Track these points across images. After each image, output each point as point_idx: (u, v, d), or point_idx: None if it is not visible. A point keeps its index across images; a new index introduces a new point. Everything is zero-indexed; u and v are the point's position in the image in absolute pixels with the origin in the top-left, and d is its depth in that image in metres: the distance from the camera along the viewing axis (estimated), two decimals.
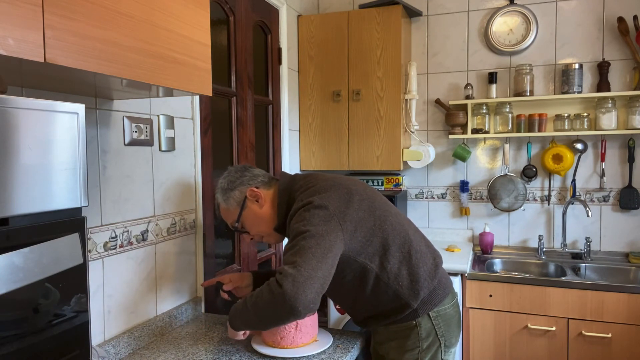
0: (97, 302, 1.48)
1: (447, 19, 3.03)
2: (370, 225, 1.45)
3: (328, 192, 1.44)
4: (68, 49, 0.88)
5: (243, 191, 1.57)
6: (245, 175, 1.59)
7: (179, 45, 1.22)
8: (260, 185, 1.58)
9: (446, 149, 3.08)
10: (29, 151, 0.80)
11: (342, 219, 1.39)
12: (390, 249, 1.46)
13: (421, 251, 1.51)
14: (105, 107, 1.50)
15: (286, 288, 1.24)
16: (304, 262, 1.27)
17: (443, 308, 1.53)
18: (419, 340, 1.51)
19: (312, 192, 1.45)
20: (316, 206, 1.38)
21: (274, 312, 1.30)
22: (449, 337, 1.55)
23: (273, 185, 1.59)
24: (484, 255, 2.86)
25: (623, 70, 2.73)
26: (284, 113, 2.77)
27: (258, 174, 1.61)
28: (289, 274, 1.26)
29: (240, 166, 1.65)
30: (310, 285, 1.25)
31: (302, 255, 1.28)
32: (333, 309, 2.64)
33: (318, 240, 1.31)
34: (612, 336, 2.31)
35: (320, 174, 1.59)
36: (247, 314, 1.38)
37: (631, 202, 2.72)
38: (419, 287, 1.47)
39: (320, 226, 1.34)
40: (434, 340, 1.52)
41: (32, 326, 0.84)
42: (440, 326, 1.52)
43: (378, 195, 1.57)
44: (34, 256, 0.82)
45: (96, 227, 1.47)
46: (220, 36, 2.23)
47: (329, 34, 2.91)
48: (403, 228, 1.52)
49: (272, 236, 1.62)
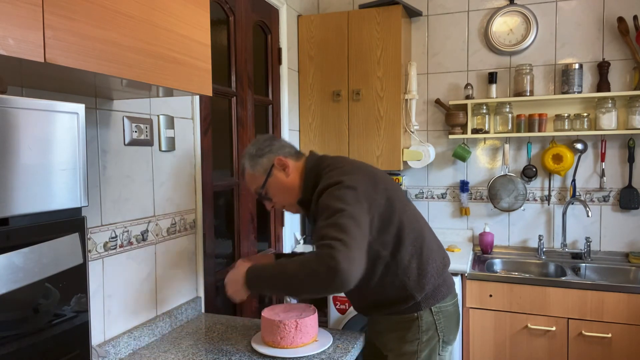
0: (97, 302, 1.48)
1: (447, 19, 3.03)
2: (389, 215, 1.48)
3: (356, 174, 1.47)
4: (68, 49, 0.88)
5: (271, 159, 1.58)
6: (274, 144, 1.61)
7: (179, 45, 1.22)
8: (287, 155, 1.60)
9: (446, 149, 3.08)
10: (29, 151, 0.80)
11: (368, 202, 1.41)
12: (404, 241, 1.49)
13: (432, 249, 1.55)
14: (105, 107, 1.50)
15: (343, 265, 1.24)
16: (353, 241, 1.28)
17: (445, 305, 1.57)
18: (419, 332, 1.53)
19: (341, 172, 1.47)
20: (347, 186, 1.40)
21: (317, 284, 1.29)
22: (447, 333, 1.57)
23: (301, 159, 1.62)
24: (484, 255, 2.86)
25: (623, 70, 2.73)
26: (284, 113, 2.77)
27: (285, 145, 1.63)
28: (342, 250, 1.25)
29: (269, 135, 1.67)
30: (359, 264, 1.28)
31: (348, 233, 1.29)
32: (333, 308, 2.64)
33: (356, 221, 1.33)
34: (612, 336, 2.31)
35: (347, 157, 1.63)
36: (279, 280, 1.37)
37: (631, 202, 2.72)
38: (425, 281, 1.52)
39: (356, 207, 1.36)
40: (434, 334, 1.54)
41: (32, 326, 0.84)
42: (441, 321, 1.55)
43: (398, 188, 1.60)
44: (34, 256, 0.82)
45: (96, 227, 1.47)
46: (220, 36, 2.23)
47: (329, 34, 2.91)
48: (419, 224, 1.57)
49: (294, 207, 1.64)
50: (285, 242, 2.79)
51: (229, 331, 1.73)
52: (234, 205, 2.32)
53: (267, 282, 1.41)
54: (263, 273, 1.41)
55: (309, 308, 1.64)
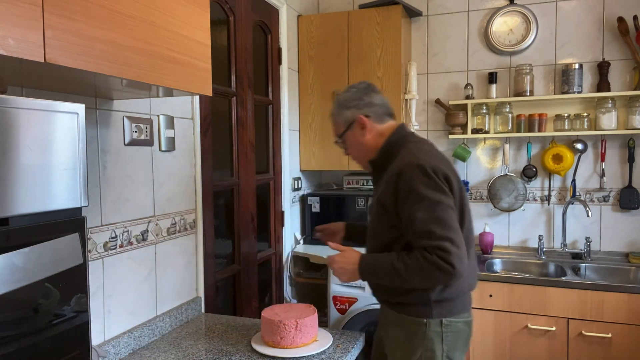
0: (97, 302, 1.48)
1: (447, 19, 3.03)
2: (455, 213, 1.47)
3: (445, 164, 1.49)
4: (68, 49, 0.88)
5: (354, 114, 1.60)
6: (363, 99, 1.61)
7: (179, 45, 1.22)
8: (372, 115, 1.60)
9: (446, 149, 3.08)
10: (29, 151, 0.80)
11: (452, 191, 1.45)
12: None
13: (468, 266, 1.48)
14: (105, 107, 1.50)
15: (458, 268, 1.35)
16: (458, 237, 1.38)
17: (455, 320, 1.50)
18: (424, 339, 1.49)
19: (431, 157, 1.48)
20: (444, 176, 1.43)
21: (432, 282, 1.42)
22: (452, 349, 1.51)
23: (385, 122, 1.62)
24: (484, 255, 2.86)
25: (623, 70, 2.73)
26: (284, 113, 2.77)
27: (375, 104, 1.61)
28: (455, 253, 1.35)
29: (365, 86, 1.64)
30: (466, 255, 1.38)
31: (451, 231, 1.37)
32: (333, 308, 2.64)
33: (452, 214, 1.40)
34: (612, 336, 2.31)
35: (429, 143, 1.61)
36: (392, 276, 1.44)
37: (631, 202, 2.72)
38: (446, 292, 1.48)
39: (449, 198, 1.42)
40: (438, 346, 1.49)
41: (32, 326, 0.84)
42: (448, 335, 1.49)
43: (465, 193, 1.57)
44: (34, 256, 0.82)
45: (96, 227, 1.47)
46: (220, 36, 2.23)
47: (329, 34, 2.91)
48: (469, 236, 1.53)
49: (363, 163, 1.68)
50: (285, 242, 2.79)
51: (229, 331, 1.73)
52: (234, 205, 2.32)
53: (379, 277, 1.48)
54: (376, 268, 1.48)
55: (309, 308, 1.64)
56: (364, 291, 2.55)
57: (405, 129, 1.63)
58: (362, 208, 2.85)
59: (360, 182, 3.10)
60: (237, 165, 2.33)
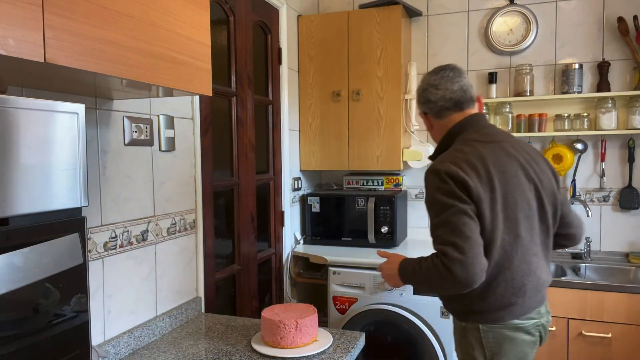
0: (97, 302, 1.48)
1: (447, 19, 3.03)
2: (487, 227, 1.42)
3: (472, 169, 1.43)
4: (68, 49, 0.88)
5: (419, 108, 1.71)
6: (423, 96, 1.64)
7: (179, 45, 1.22)
8: (429, 112, 1.65)
9: None
10: (29, 151, 0.80)
11: (470, 197, 1.41)
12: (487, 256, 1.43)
13: (512, 278, 1.46)
14: (105, 107, 1.50)
15: (457, 273, 1.33)
16: (465, 243, 1.34)
17: (498, 326, 1.48)
18: (466, 343, 1.54)
19: (460, 161, 1.45)
20: (461, 182, 1.41)
21: (438, 286, 1.43)
22: (498, 354, 1.48)
23: (446, 116, 1.61)
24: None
25: (623, 70, 2.73)
26: (284, 113, 2.77)
27: (432, 100, 1.61)
28: (455, 258, 1.33)
29: (433, 80, 1.61)
30: (477, 263, 1.34)
31: (459, 234, 1.35)
32: (333, 308, 2.64)
33: (465, 219, 1.37)
34: (612, 336, 2.31)
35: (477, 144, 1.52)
36: (418, 282, 1.53)
37: (631, 202, 2.72)
38: (485, 300, 1.47)
39: (463, 204, 1.39)
40: (479, 351, 1.50)
41: (32, 326, 0.84)
42: (489, 340, 1.49)
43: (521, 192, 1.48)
44: (34, 256, 0.82)
45: (96, 227, 1.47)
46: (220, 36, 2.23)
47: (329, 34, 2.91)
48: (513, 250, 1.45)
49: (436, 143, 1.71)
50: (285, 242, 2.79)
51: (229, 331, 1.73)
52: (234, 205, 2.32)
53: (410, 280, 1.55)
54: (407, 272, 1.53)
55: (309, 308, 1.64)
56: (363, 291, 2.55)
57: (462, 126, 1.58)
58: (362, 208, 2.85)
59: (360, 182, 3.10)
60: (237, 165, 2.33)
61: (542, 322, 1.52)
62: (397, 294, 2.49)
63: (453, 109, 1.59)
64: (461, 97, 1.58)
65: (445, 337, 2.44)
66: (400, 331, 2.48)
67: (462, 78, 1.59)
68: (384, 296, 2.52)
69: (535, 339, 1.51)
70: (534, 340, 1.51)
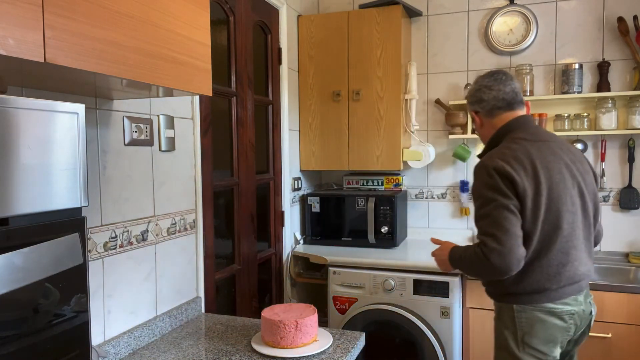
0: (97, 302, 1.48)
1: (447, 19, 3.03)
2: (528, 214, 1.55)
3: (519, 164, 1.56)
4: (68, 49, 0.88)
5: (470, 108, 1.83)
6: (475, 95, 1.77)
7: (179, 45, 1.22)
8: (481, 111, 1.77)
9: (446, 149, 3.08)
10: (29, 151, 0.80)
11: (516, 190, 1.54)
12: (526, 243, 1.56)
13: (548, 264, 1.58)
14: (105, 107, 1.50)
15: (494, 261, 1.49)
16: (504, 235, 1.50)
17: (531, 307, 1.59)
18: (501, 321, 1.67)
19: (507, 157, 1.58)
20: (507, 177, 1.54)
21: (478, 272, 1.64)
22: (529, 334, 1.59)
23: (497, 115, 1.74)
24: None
25: (623, 70, 2.73)
26: (284, 113, 2.77)
27: (484, 100, 1.74)
28: (493, 248, 1.50)
29: (485, 83, 1.75)
30: (514, 253, 1.50)
31: (499, 227, 1.51)
32: (333, 308, 2.64)
33: (506, 213, 1.52)
34: (612, 336, 2.30)
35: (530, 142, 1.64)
36: (463, 267, 1.71)
37: (631, 202, 2.72)
38: (521, 281, 1.60)
39: (506, 198, 1.53)
40: (512, 329, 1.62)
41: (32, 326, 0.84)
42: (522, 320, 1.60)
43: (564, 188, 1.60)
44: (34, 256, 0.82)
45: (96, 227, 1.47)
46: (220, 36, 2.23)
47: (329, 34, 2.91)
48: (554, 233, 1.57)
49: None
50: (285, 242, 2.79)
51: (229, 331, 1.73)
52: (234, 205, 2.32)
53: (459, 265, 1.71)
54: (455, 258, 1.70)
55: (309, 308, 1.64)
56: (363, 291, 2.55)
57: (511, 125, 1.70)
58: (362, 208, 2.85)
59: (360, 182, 3.10)
60: (237, 165, 2.33)
61: (576, 310, 1.61)
62: (397, 294, 2.50)
63: (504, 109, 1.73)
64: (512, 99, 1.72)
65: (445, 337, 2.44)
66: (400, 331, 2.48)
67: (513, 82, 1.74)
68: (384, 296, 2.52)
69: (567, 326, 1.60)
70: (565, 327, 1.60)
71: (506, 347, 1.64)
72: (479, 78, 1.78)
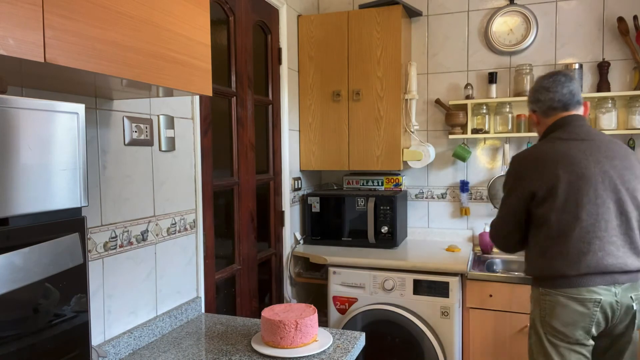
0: (97, 302, 1.48)
1: (447, 19, 3.04)
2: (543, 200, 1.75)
3: (536, 161, 1.78)
4: (68, 49, 0.88)
5: (528, 107, 1.97)
6: (534, 96, 1.91)
7: (179, 45, 1.22)
8: (537, 110, 1.91)
9: (446, 149, 3.08)
10: (29, 151, 0.80)
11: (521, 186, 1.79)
12: (542, 228, 1.77)
13: (568, 249, 1.71)
14: (105, 107, 1.50)
15: (491, 237, 1.95)
16: (499, 220, 1.89)
17: (555, 292, 1.73)
18: (532, 301, 1.84)
19: (528, 155, 1.82)
20: (517, 175, 1.82)
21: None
22: (550, 315, 1.74)
23: (551, 115, 1.87)
24: (484, 255, 2.86)
25: (623, 70, 2.73)
26: (284, 113, 2.77)
27: (541, 100, 1.88)
28: (491, 227, 1.95)
29: (545, 84, 1.87)
30: (500, 237, 1.90)
31: (500, 213, 1.89)
32: (333, 308, 2.64)
33: (508, 204, 1.84)
34: None
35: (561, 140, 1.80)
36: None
37: None
38: (543, 264, 1.76)
39: (512, 192, 1.83)
40: (537, 309, 1.80)
41: (32, 326, 0.84)
42: (546, 303, 1.76)
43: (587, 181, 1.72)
44: (34, 256, 0.82)
45: (96, 227, 1.47)
46: (220, 36, 2.23)
47: (329, 34, 2.91)
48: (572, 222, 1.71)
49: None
50: (285, 242, 2.79)
51: (229, 331, 1.73)
52: (234, 205, 2.32)
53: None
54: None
55: (309, 308, 1.64)
56: (363, 291, 2.55)
57: (556, 125, 1.84)
58: (362, 208, 2.85)
59: (360, 182, 3.10)
60: (237, 165, 2.33)
61: (605, 300, 1.68)
62: (397, 294, 2.50)
63: (559, 110, 1.85)
64: (569, 100, 1.83)
65: (445, 337, 2.44)
66: (400, 331, 2.48)
67: (572, 83, 1.84)
68: (384, 296, 2.52)
69: (591, 313, 1.69)
70: (588, 313, 1.69)
71: (534, 325, 1.82)
72: (540, 78, 1.90)
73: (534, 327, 1.82)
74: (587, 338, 1.71)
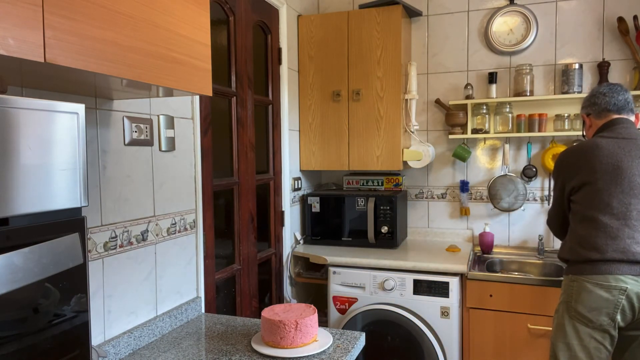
0: (97, 302, 1.48)
1: (447, 19, 3.04)
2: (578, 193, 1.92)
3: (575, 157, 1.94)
4: (68, 49, 0.88)
5: (582, 111, 2.10)
6: (589, 100, 2.04)
7: (179, 45, 1.22)
8: (592, 113, 2.03)
9: (446, 149, 3.08)
10: (29, 151, 0.80)
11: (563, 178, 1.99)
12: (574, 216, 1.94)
13: (595, 235, 1.84)
14: (105, 107, 1.50)
15: (547, 221, 2.25)
16: (551, 210, 2.14)
17: (584, 278, 1.83)
18: (563, 287, 1.94)
19: (571, 152, 1.98)
20: (558, 171, 2.02)
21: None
22: (576, 300, 1.84)
23: (603, 118, 1.99)
24: (484, 255, 2.86)
25: (623, 70, 2.73)
26: (284, 113, 2.77)
27: (597, 103, 2.00)
28: (548, 216, 2.18)
29: (597, 92, 2.01)
30: (552, 225, 2.15)
31: (552, 205, 2.12)
32: (333, 308, 2.64)
33: (557, 194, 2.05)
34: None
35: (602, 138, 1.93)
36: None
37: None
38: (576, 251, 1.87)
39: (560, 183, 2.01)
40: (565, 295, 1.90)
41: (32, 326, 0.84)
42: (573, 288, 1.86)
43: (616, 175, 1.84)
44: (34, 256, 0.82)
45: (96, 227, 1.47)
46: (220, 36, 2.23)
47: (329, 34, 2.91)
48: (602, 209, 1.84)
49: None
50: (285, 242, 2.79)
51: (229, 331, 1.73)
52: (234, 205, 2.32)
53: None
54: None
55: (309, 308, 1.64)
56: (363, 291, 2.55)
57: (606, 125, 1.96)
58: (362, 208, 2.85)
59: (360, 182, 3.10)
60: (237, 165, 2.33)
61: (631, 289, 1.76)
62: (397, 294, 2.50)
63: (613, 112, 1.97)
64: (624, 106, 1.97)
65: (445, 337, 2.44)
66: (400, 331, 2.48)
67: (628, 94, 1.99)
68: (384, 296, 2.52)
69: (616, 300, 1.78)
70: (613, 300, 1.78)
71: (558, 309, 1.94)
72: (597, 86, 2.04)
73: (558, 311, 1.94)
74: (612, 325, 1.79)
